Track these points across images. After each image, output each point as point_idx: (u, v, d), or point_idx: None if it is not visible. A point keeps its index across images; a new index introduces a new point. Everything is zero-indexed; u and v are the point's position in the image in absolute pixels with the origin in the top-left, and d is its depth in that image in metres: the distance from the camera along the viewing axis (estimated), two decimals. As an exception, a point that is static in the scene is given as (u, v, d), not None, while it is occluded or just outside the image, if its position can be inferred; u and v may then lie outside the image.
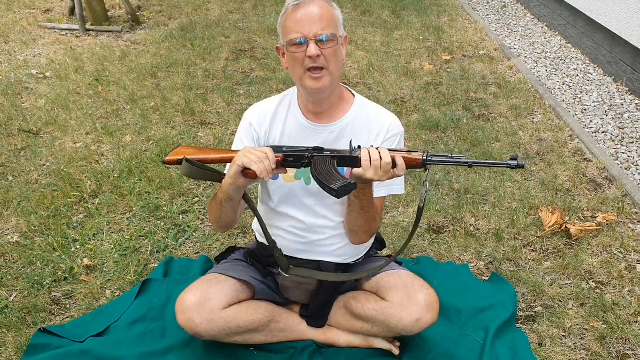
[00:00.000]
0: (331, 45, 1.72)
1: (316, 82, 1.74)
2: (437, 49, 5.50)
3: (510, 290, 2.42)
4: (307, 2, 1.71)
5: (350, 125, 1.90)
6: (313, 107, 1.88)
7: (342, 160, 1.70)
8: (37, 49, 5.52)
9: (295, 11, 1.71)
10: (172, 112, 4.18)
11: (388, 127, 1.90)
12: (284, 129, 1.92)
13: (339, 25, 1.77)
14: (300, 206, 1.96)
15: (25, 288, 2.46)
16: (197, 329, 1.86)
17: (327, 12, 1.72)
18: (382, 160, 1.62)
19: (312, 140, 1.88)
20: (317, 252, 2.02)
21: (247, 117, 1.96)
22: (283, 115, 1.93)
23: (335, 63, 1.75)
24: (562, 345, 2.17)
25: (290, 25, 1.72)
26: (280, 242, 1.99)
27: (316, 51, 1.69)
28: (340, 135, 1.89)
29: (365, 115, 1.92)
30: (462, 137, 3.77)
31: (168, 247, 2.74)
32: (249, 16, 6.63)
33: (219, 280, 1.94)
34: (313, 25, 1.69)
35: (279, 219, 2.00)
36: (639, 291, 2.45)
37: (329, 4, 1.75)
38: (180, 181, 3.24)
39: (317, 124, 1.90)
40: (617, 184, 3.18)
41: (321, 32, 1.69)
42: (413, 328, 1.87)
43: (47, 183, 3.24)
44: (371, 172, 1.63)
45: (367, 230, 1.92)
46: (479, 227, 2.88)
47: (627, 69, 4.48)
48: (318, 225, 1.97)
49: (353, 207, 1.83)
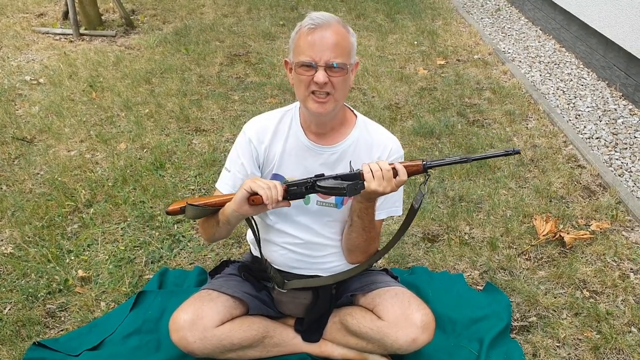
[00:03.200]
0: (340, 74, 1.69)
1: (319, 107, 1.72)
2: (431, 53, 5.51)
3: (505, 300, 2.43)
4: (324, 25, 1.67)
5: (352, 147, 1.89)
6: (315, 127, 1.86)
7: (345, 179, 1.70)
8: (30, 54, 5.50)
9: (311, 33, 1.67)
10: (167, 118, 4.17)
11: (390, 151, 1.90)
12: (284, 147, 1.89)
13: (352, 53, 1.74)
14: (297, 225, 1.95)
15: (20, 300, 2.46)
16: (190, 347, 1.85)
17: (342, 40, 1.69)
18: (382, 170, 1.64)
19: (312, 160, 1.87)
20: (313, 268, 2.02)
21: (246, 132, 1.90)
22: (284, 133, 1.89)
23: (342, 91, 1.73)
24: (556, 356, 2.18)
25: (302, 46, 1.69)
26: (275, 257, 2.00)
27: (324, 79, 1.66)
28: (341, 157, 1.88)
29: (368, 137, 1.91)
30: (456, 143, 3.78)
31: (163, 258, 2.73)
32: (243, 20, 6.62)
33: (211, 297, 1.93)
34: (326, 52, 1.66)
35: (276, 235, 2.00)
36: (632, 300, 2.46)
37: (346, 30, 1.72)
38: (174, 190, 3.24)
39: (318, 144, 1.87)
40: (610, 191, 3.20)
41: (332, 60, 1.66)
42: (409, 348, 1.88)
43: (41, 192, 3.23)
44: (375, 184, 1.64)
45: (364, 251, 1.93)
46: (474, 236, 2.89)
47: (621, 73, 4.50)
48: (315, 243, 1.97)
49: (355, 226, 1.84)
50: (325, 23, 1.67)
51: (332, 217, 1.95)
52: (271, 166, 1.90)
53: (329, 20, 1.68)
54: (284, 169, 1.90)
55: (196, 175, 3.40)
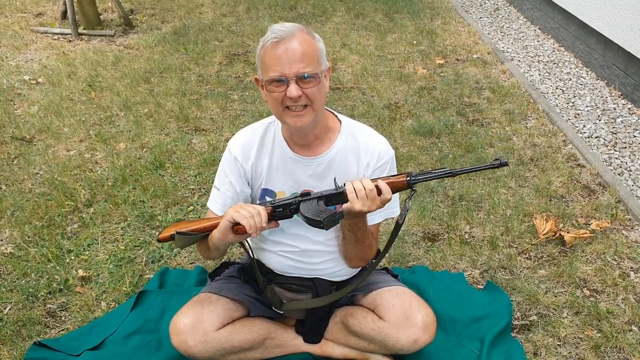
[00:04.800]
0: (313, 84, 1.63)
1: (297, 120, 1.66)
2: (430, 52, 5.51)
3: (505, 299, 2.43)
4: (288, 37, 1.60)
5: (339, 155, 1.83)
6: (298, 139, 1.80)
7: (329, 199, 1.68)
8: (29, 53, 5.49)
9: (275, 47, 1.60)
10: (166, 118, 4.17)
11: (378, 155, 1.83)
12: (271, 161, 1.84)
13: (321, 60, 1.67)
14: (292, 235, 1.93)
15: (20, 300, 2.45)
16: (191, 351, 1.85)
17: (308, 48, 1.62)
18: (365, 189, 1.60)
19: (301, 172, 1.83)
20: (312, 272, 2.01)
21: (232, 151, 1.85)
22: (269, 147, 1.84)
23: (318, 100, 1.67)
24: (557, 355, 2.19)
25: (269, 62, 1.62)
26: (273, 263, 1.99)
27: (297, 92, 1.60)
28: (329, 166, 1.83)
29: (355, 143, 1.84)
30: (456, 142, 3.78)
31: (163, 257, 2.73)
32: (242, 19, 6.62)
33: (211, 300, 1.92)
34: (294, 64, 1.59)
35: (271, 244, 1.98)
36: (632, 299, 2.46)
37: (311, 37, 1.65)
38: (174, 189, 3.24)
39: (304, 157, 1.82)
40: (610, 190, 3.20)
41: (302, 71, 1.60)
42: (410, 348, 1.88)
43: (41, 192, 3.22)
44: (359, 204, 1.60)
45: (362, 258, 1.92)
46: (474, 235, 2.89)
47: (620, 73, 4.50)
48: (312, 250, 1.95)
49: (347, 239, 1.82)
50: (288, 34, 1.60)
51: None
52: (260, 181, 1.87)
53: (292, 31, 1.61)
54: (273, 183, 1.86)
55: (196, 175, 3.40)
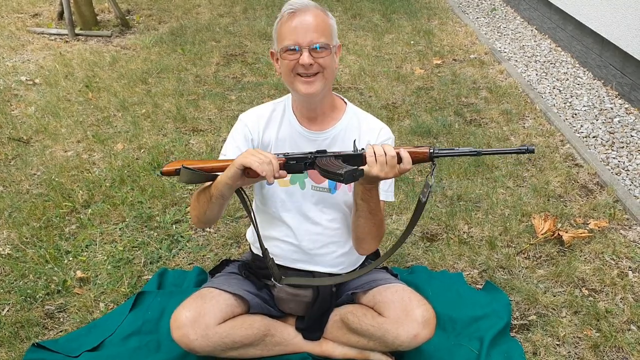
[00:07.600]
0: (324, 55, 1.75)
1: (308, 87, 1.77)
2: (427, 52, 5.51)
3: (504, 299, 2.44)
4: (303, 10, 1.74)
5: (342, 132, 1.94)
6: (307, 111, 1.91)
7: (346, 159, 1.69)
8: (25, 54, 5.47)
9: (291, 19, 1.74)
10: (164, 118, 4.16)
11: (378, 133, 1.95)
12: (278, 134, 1.94)
13: (333, 35, 1.80)
14: (294, 211, 1.97)
15: (18, 302, 2.44)
16: (191, 344, 1.85)
17: (322, 21, 1.75)
18: (386, 155, 1.62)
19: (306, 145, 1.91)
20: (313, 261, 2.03)
21: (242, 119, 1.97)
22: (277, 121, 1.96)
23: (329, 69, 1.78)
24: (557, 354, 2.19)
25: (285, 32, 1.75)
26: (275, 251, 2.00)
27: (309, 60, 1.72)
28: (333, 142, 1.93)
29: (357, 122, 1.97)
30: (454, 143, 3.79)
31: (161, 258, 2.72)
32: (239, 20, 6.61)
33: (213, 295, 1.93)
34: (307, 34, 1.72)
35: (274, 227, 2.01)
36: (631, 298, 2.47)
37: (324, 13, 1.79)
38: (172, 190, 3.23)
39: (311, 130, 1.93)
40: (608, 190, 3.21)
41: (315, 41, 1.73)
42: (410, 344, 1.88)
43: (38, 193, 3.21)
44: (377, 168, 1.62)
45: (375, 236, 1.92)
46: (472, 235, 2.89)
47: (617, 73, 4.52)
48: (313, 233, 1.98)
49: (361, 211, 1.82)
50: (304, 7, 1.74)
51: (326, 202, 1.96)
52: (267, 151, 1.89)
53: (308, 4, 1.75)
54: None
55: (194, 176, 3.39)
